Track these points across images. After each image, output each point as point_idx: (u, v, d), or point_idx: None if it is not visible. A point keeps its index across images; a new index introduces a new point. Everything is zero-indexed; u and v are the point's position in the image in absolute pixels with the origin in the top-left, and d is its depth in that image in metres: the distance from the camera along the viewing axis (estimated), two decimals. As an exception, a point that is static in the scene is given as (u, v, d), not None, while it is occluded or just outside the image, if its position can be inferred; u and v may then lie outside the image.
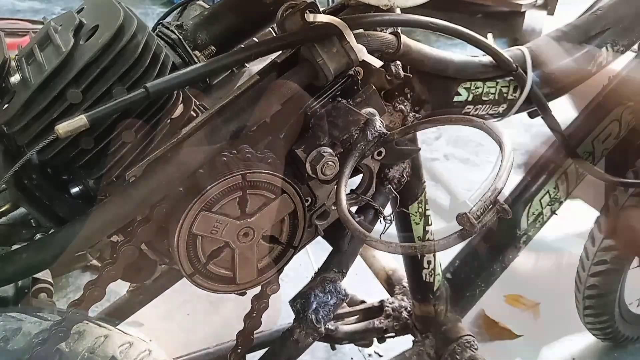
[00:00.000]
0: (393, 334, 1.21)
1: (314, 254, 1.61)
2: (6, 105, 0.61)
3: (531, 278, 1.63)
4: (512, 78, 0.87)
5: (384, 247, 0.64)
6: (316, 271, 0.87)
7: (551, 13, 3.60)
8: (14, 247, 0.69)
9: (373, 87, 0.72)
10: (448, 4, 3.03)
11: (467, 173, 2.39)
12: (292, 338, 0.84)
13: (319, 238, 0.79)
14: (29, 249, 0.63)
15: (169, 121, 0.65)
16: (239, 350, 0.80)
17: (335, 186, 0.70)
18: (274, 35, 0.81)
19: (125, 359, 0.65)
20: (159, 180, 0.63)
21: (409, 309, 1.18)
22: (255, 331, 0.80)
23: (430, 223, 1.00)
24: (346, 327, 1.19)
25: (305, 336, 0.83)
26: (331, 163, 0.68)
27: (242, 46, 0.79)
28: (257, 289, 0.76)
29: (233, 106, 0.67)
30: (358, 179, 0.77)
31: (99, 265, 0.71)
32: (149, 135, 0.64)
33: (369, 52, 0.69)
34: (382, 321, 1.20)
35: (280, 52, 0.71)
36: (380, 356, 1.50)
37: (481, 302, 1.14)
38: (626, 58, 1.00)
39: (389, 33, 0.74)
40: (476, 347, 1.07)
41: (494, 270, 1.10)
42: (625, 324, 1.45)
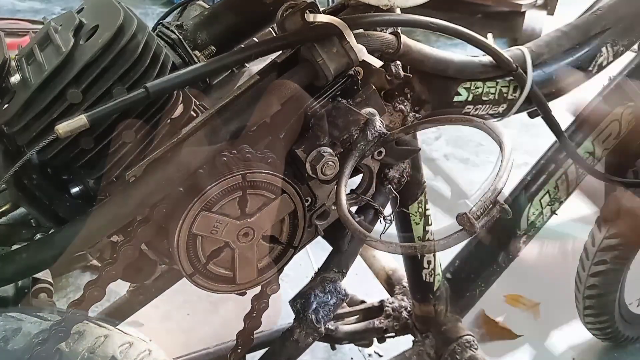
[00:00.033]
0: (393, 334, 1.21)
1: (314, 254, 1.60)
2: (6, 105, 0.61)
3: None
4: (512, 78, 0.87)
5: (384, 247, 0.64)
6: (316, 271, 0.87)
7: (551, 13, 3.60)
8: (14, 247, 0.69)
9: (373, 87, 0.72)
10: (448, 4, 3.04)
11: (467, 173, 2.39)
12: (292, 338, 0.84)
13: (319, 238, 0.79)
14: (29, 249, 0.63)
15: (169, 121, 0.65)
16: (239, 350, 0.80)
17: (335, 186, 0.70)
18: (274, 35, 0.81)
19: (125, 359, 0.65)
20: (159, 180, 0.63)
21: (409, 309, 1.18)
22: (255, 331, 0.80)
23: (430, 223, 1.00)
24: (346, 327, 1.19)
25: (305, 336, 0.83)
26: (331, 163, 0.68)
27: (242, 46, 0.79)
28: (257, 289, 0.76)
29: (233, 106, 0.66)
30: (358, 179, 0.77)
31: (99, 265, 0.71)
32: (149, 135, 0.64)
33: (369, 52, 0.69)
34: (382, 321, 1.20)
35: (280, 52, 0.71)
36: (380, 356, 1.50)
37: (481, 302, 1.14)
38: (626, 58, 1.00)
39: (389, 33, 0.74)
40: (476, 347, 1.07)
41: (494, 270, 1.10)
42: (625, 324, 1.45)
